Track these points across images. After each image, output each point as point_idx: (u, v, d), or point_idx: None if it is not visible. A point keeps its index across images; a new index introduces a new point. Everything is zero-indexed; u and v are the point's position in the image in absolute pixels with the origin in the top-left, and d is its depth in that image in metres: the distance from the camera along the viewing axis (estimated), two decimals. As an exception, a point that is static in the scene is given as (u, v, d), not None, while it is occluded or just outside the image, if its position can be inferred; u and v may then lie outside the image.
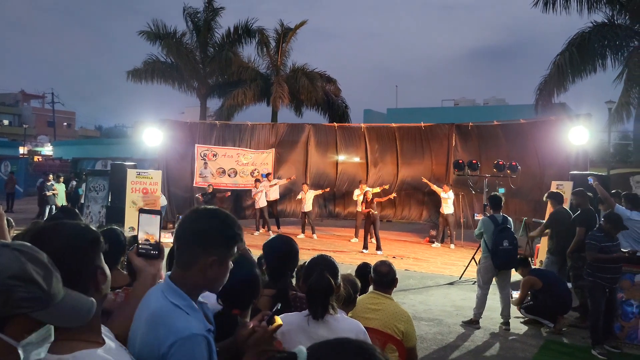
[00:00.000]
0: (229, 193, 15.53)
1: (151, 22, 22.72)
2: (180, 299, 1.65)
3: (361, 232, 13.13)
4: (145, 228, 1.83)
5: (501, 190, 10.16)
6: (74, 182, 19.17)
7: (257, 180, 14.85)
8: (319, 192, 14.93)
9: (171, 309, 1.63)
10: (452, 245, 13.40)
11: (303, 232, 14.49)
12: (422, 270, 10.59)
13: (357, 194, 13.68)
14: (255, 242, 12.45)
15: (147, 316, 1.65)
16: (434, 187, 13.74)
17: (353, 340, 1.06)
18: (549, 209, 8.72)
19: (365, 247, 12.57)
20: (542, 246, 9.69)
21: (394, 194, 14.11)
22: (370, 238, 12.87)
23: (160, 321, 1.61)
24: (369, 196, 12.54)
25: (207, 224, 1.70)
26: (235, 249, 1.74)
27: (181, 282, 1.68)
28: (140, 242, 1.81)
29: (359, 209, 13.28)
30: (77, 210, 3.32)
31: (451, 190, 13.38)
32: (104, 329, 1.50)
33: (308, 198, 14.32)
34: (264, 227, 14.73)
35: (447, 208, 13.25)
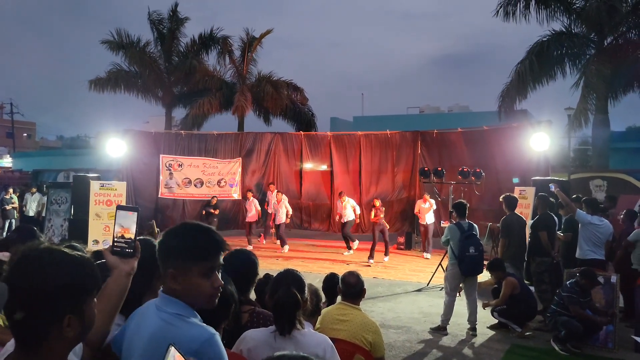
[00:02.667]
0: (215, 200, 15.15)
1: (114, 31, 22.32)
2: (179, 307, 1.69)
3: (379, 244, 12.72)
4: (121, 222, 1.79)
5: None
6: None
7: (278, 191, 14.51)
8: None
9: (176, 319, 1.66)
10: (428, 255, 13.10)
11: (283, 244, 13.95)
12: (390, 278, 10.66)
13: (352, 205, 13.49)
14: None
15: (149, 334, 1.66)
16: (419, 209, 13.46)
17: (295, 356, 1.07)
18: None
19: (371, 256, 12.38)
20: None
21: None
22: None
23: (169, 334, 1.60)
24: (377, 204, 12.42)
25: (168, 238, 1.76)
26: (204, 264, 1.72)
27: (173, 294, 1.72)
28: (115, 238, 1.77)
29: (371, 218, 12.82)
30: (35, 228, 3.20)
31: (430, 199, 13.17)
32: None
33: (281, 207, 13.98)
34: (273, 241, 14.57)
35: (429, 217, 13.11)
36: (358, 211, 13.72)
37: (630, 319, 7.20)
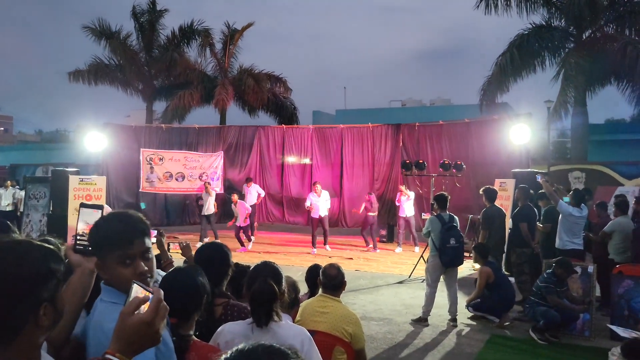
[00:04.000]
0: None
1: (96, 20, 21.99)
2: (115, 296, 1.70)
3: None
4: (85, 218, 1.76)
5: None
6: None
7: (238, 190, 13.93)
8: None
9: (109, 306, 1.68)
10: (417, 248, 12.59)
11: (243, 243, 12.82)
12: (372, 270, 10.70)
13: (326, 199, 12.73)
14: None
15: (92, 324, 1.70)
16: (403, 199, 13.00)
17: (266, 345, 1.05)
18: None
19: (367, 243, 13.07)
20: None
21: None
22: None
23: (104, 320, 1.64)
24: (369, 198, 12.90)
25: (91, 229, 1.76)
26: (118, 252, 1.70)
27: (107, 281, 1.74)
28: (78, 235, 1.74)
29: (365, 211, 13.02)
30: (9, 223, 3.14)
31: (407, 190, 12.98)
32: (47, 357, 1.42)
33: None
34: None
35: (409, 210, 12.80)
36: (329, 205, 12.91)
37: (606, 308, 7.34)
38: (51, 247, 1.38)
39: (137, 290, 1.32)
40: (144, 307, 1.29)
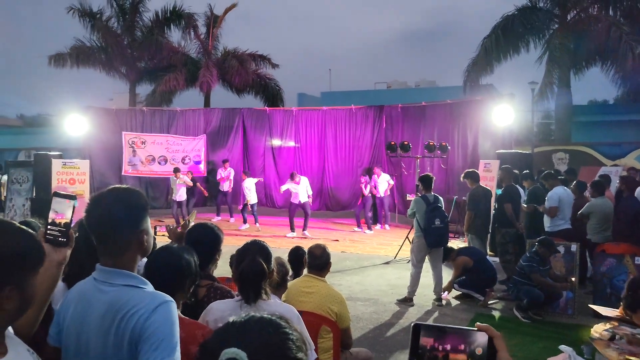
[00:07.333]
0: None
1: (77, 3, 21.49)
2: (130, 278, 1.67)
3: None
4: (56, 207, 1.72)
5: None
6: None
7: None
8: (258, 180, 14.21)
9: (128, 291, 1.64)
10: (387, 226, 13.51)
11: (245, 221, 13.52)
12: (358, 252, 10.74)
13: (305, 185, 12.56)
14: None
15: (100, 312, 1.63)
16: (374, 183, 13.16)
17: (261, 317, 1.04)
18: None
19: (359, 225, 13.25)
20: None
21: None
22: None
23: (125, 305, 1.60)
24: (362, 180, 13.15)
25: (126, 202, 1.73)
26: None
27: (118, 265, 1.69)
28: (49, 225, 1.69)
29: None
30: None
31: (383, 173, 13.14)
32: (12, 338, 1.39)
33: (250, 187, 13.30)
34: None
35: (382, 190, 13.05)
36: (310, 191, 12.75)
37: (583, 284, 7.50)
38: (26, 230, 1.34)
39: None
40: None
